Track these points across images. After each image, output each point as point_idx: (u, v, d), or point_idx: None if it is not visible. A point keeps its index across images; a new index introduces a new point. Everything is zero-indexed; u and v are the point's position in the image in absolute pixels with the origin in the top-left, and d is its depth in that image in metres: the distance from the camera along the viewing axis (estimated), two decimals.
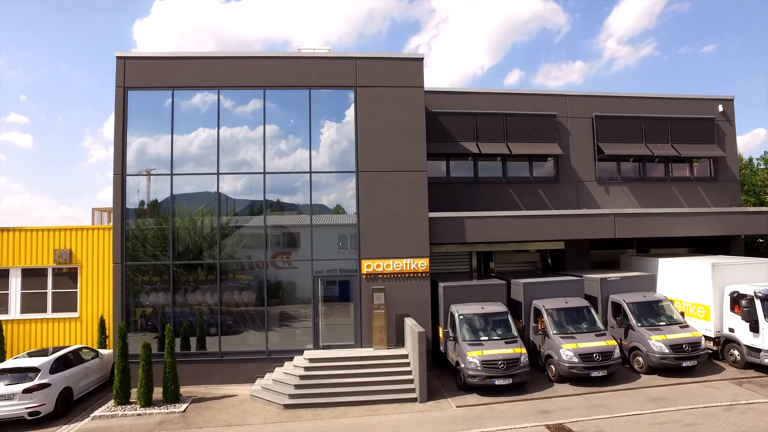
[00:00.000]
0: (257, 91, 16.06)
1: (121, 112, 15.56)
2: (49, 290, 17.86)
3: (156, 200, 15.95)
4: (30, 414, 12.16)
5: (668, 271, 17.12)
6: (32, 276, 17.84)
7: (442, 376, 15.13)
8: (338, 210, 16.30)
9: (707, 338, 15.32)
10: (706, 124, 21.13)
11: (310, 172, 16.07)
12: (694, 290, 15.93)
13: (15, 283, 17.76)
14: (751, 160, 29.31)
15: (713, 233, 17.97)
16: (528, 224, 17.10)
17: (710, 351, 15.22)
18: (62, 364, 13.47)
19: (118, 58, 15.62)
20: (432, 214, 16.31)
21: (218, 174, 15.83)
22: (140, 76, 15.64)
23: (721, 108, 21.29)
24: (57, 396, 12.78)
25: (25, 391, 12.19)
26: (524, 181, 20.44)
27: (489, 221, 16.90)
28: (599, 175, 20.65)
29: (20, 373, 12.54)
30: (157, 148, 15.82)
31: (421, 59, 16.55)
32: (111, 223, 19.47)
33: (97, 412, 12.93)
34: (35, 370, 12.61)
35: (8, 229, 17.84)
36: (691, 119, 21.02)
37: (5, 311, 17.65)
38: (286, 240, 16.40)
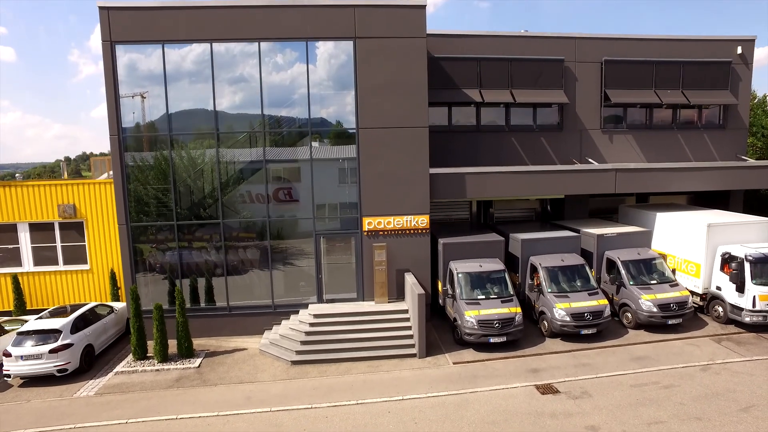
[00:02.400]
0: (252, 43, 15.31)
1: (111, 68, 14.93)
2: (58, 243, 18.34)
3: (153, 122, 15.59)
4: (58, 371, 13.15)
5: (665, 226, 17.40)
6: (40, 230, 18.22)
7: (440, 328, 16.01)
8: (339, 126, 16.05)
9: (695, 294, 16.00)
10: (722, 68, 20.21)
11: (310, 130, 15.79)
12: (687, 247, 16.32)
13: (24, 237, 18.18)
14: (765, 98, 28.27)
15: (714, 188, 18.01)
16: (529, 180, 17.08)
17: (696, 306, 15.98)
18: (81, 323, 14.26)
19: (100, 8, 14.65)
20: (433, 171, 16.26)
21: (217, 133, 15.57)
22: (127, 29, 14.80)
23: (740, 50, 20.23)
24: (80, 353, 13.71)
25: (51, 351, 13.06)
26: (527, 130, 20.05)
27: (490, 177, 16.87)
28: (604, 123, 20.20)
29: (44, 335, 13.32)
30: (149, 64, 15.32)
31: (424, 7, 15.52)
32: (111, 173, 19.54)
33: (118, 368, 13.93)
34: (57, 332, 13.38)
35: (12, 184, 17.94)
36: (706, 63, 20.06)
37: (19, 264, 18.28)
38: (287, 177, 16.48)
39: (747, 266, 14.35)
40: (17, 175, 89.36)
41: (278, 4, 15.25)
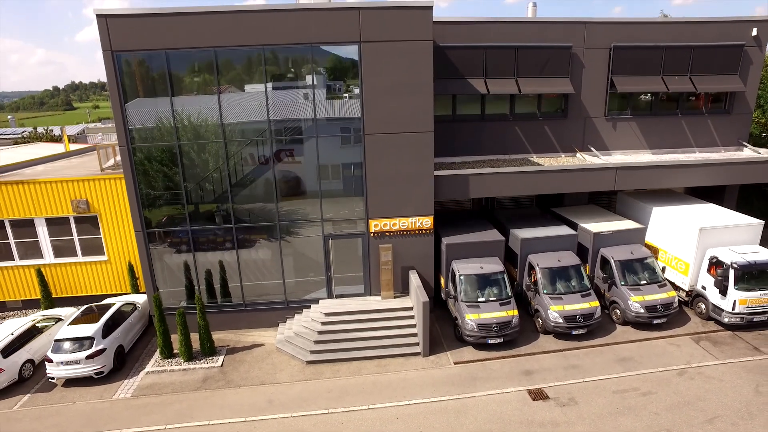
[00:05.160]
0: (255, 49, 15.04)
1: (114, 77, 14.79)
2: (75, 237, 19.10)
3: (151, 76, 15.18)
4: (96, 374, 14.53)
5: (660, 220, 18.09)
6: (56, 224, 18.89)
7: (442, 319, 17.27)
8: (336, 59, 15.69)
9: (681, 290, 17.09)
10: (734, 51, 19.79)
11: (316, 135, 15.94)
12: (679, 246, 17.12)
13: (42, 231, 18.90)
14: None
15: (711, 183, 18.41)
16: (530, 179, 17.46)
17: (682, 300, 17.14)
18: (110, 325, 15.42)
19: (98, 16, 14.24)
20: (437, 173, 16.65)
21: (224, 142, 15.74)
22: (128, 38, 14.45)
23: (755, 32, 19.67)
24: (113, 355, 15.02)
25: (88, 357, 14.33)
26: (531, 118, 20.08)
27: (491, 177, 17.24)
28: (608, 111, 20.17)
29: (79, 341, 14.51)
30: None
31: (430, 8, 15.05)
32: (118, 158, 19.85)
33: (148, 367, 15.28)
34: (91, 339, 14.57)
35: (27, 182, 18.31)
36: (718, 47, 19.63)
37: (40, 256, 19.16)
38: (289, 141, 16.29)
39: (731, 272, 15.26)
40: (10, 117, 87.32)
41: (282, 8, 14.78)
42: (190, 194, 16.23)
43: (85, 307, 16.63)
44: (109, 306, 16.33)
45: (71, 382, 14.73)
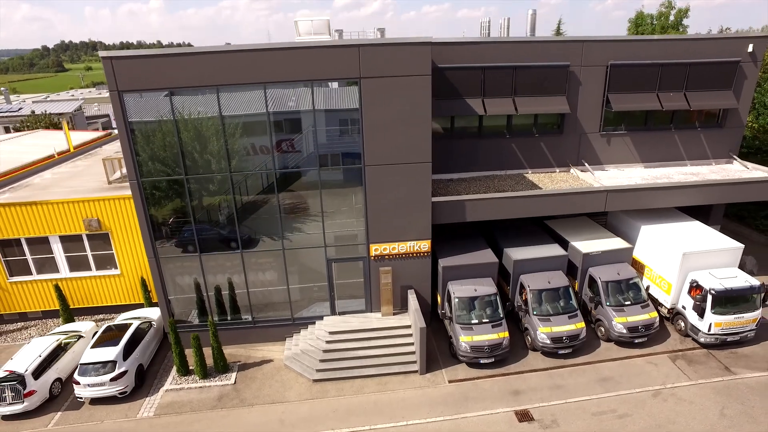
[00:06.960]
0: (258, 86, 15.39)
1: (121, 116, 15.24)
2: (89, 252, 20.03)
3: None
4: (120, 394, 15.84)
5: (648, 238, 18.97)
6: (70, 241, 19.76)
7: (439, 333, 18.47)
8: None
9: (664, 306, 18.22)
10: (729, 68, 20.03)
11: (319, 167, 16.54)
12: (664, 266, 18.09)
13: (57, 248, 19.79)
14: None
15: (698, 203, 19.14)
16: (524, 203, 18.14)
17: (664, 316, 18.31)
18: (130, 345, 16.61)
19: (103, 59, 14.54)
20: (435, 199, 17.37)
21: (230, 174, 16.36)
22: (133, 78, 14.80)
23: (751, 48, 19.83)
24: (134, 374, 16.27)
25: (111, 379, 15.59)
26: (528, 134, 20.56)
27: (487, 203, 17.93)
28: (603, 126, 20.61)
29: (102, 365, 15.72)
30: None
31: (428, 44, 15.30)
32: (124, 170, 20.38)
33: (167, 385, 16.56)
34: (113, 362, 15.77)
35: (41, 203, 19.02)
36: (713, 63, 19.86)
37: (56, 271, 20.15)
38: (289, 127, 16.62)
39: (709, 298, 16.30)
40: (3, 89, 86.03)
41: (282, 47, 15.04)
42: (195, 212, 16.83)
43: (104, 326, 17.75)
44: (127, 326, 17.43)
45: (97, 401, 16.04)
